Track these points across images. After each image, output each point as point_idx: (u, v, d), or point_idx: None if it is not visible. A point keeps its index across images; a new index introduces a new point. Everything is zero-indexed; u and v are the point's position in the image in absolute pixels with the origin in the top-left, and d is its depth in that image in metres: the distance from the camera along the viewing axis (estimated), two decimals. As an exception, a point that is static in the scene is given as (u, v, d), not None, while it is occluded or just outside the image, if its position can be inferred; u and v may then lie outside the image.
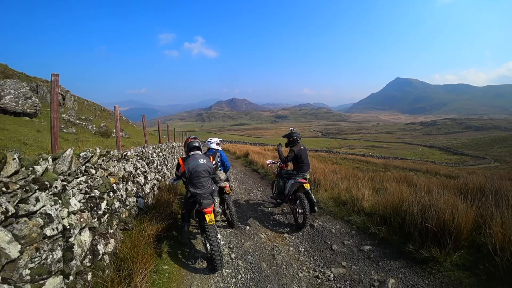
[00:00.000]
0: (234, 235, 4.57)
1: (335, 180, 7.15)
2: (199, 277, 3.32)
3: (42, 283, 1.94)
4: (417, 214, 3.67)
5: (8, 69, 17.22)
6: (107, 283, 2.53)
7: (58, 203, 2.24)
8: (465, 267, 3.04)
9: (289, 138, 5.05)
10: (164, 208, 4.69)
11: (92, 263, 2.65)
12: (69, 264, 2.26)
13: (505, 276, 2.66)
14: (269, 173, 10.15)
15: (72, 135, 10.13)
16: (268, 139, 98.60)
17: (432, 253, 3.22)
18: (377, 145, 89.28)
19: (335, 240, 4.22)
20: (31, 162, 2.13)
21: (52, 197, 2.22)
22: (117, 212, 3.50)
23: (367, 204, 5.18)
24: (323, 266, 3.52)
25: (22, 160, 2.06)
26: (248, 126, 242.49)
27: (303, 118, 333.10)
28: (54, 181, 2.27)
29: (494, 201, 3.94)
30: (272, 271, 3.44)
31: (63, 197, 2.37)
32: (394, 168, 18.77)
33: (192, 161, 3.77)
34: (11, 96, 10.01)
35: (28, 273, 1.84)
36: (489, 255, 2.90)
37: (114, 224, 3.33)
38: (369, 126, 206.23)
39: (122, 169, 3.97)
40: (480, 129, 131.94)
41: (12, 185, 1.87)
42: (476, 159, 54.30)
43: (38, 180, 2.09)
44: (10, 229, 1.78)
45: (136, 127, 27.66)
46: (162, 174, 7.26)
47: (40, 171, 2.17)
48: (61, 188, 2.34)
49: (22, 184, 1.95)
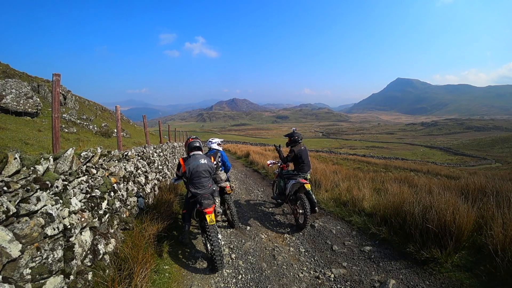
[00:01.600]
0: (235, 235, 4.57)
1: (335, 181, 7.15)
2: (199, 277, 3.32)
3: (42, 282, 1.94)
4: (418, 215, 3.66)
5: (10, 69, 17.28)
6: (108, 282, 2.53)
7: (59, 202, 2.24)
8: (466, 268, 3.03)
9: (290, 138, 5.05)
10: (164, 208, 4.69)
11: (92, 262, 2.66)
12: (69, 263, 2.27)
13: (506, 277, 2.65)
14: (270, 173, 10.15)
15: (73, 134, 10.15)
16: (269, 139, 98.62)
17: (433, 253, 3.21)
18: (378, 146, 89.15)
19: (336, 241, 4.21)
20: (32, 161, 2.14)
21: (53, 196, 2.22)
22: (118, 212, 3.50)
23: (368, 204, 5.17)
24: (323, 267, 3.51)
25: (23, 160, 2.07)
26: (249, 126, 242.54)
27: (304, 118, 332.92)
28: (55, 180, 2.28)
29: (495, 201, 3.93)
30: (273, 272, 3.44)
31: (64, 197, 2.37)
32: (395, 169, 18.73)
33: (192, 161, 3.77)
34: (13, 95, 10.04)
35: (29, 273, 1.85)
36: (490, 256, 2.89)
37: (115, 223, 3.34)
38: (370, 126, 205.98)
39: (123, 169, 3.98)
40: (481, 130, 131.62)
41: (13, 184, 1.88)
42: (477, 159, 54.17)
43: (39, 179, 2.09)
44: (11, 228, 1.78)
45: (137, 127, 27.71)
46: (163, 174, 7.27)
47: (41, 171, 2.18)
48: (62, 188, 2.35)
49: (23, 184, 1.96)
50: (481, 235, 3.34)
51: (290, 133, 5.16)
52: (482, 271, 2.88)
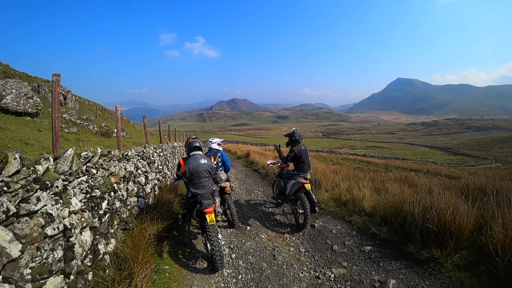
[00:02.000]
0: (235, 235, 4.57)
1: (336, 181, 7.14)
2: (199, 277, 3.32)
3: (43, 282, 1.94)
4: (418, 215, 3.66)
5: (10, 69, 17.28)
6: (108, 282, 2.53)
7: (59, 202, 2.24)
8: (466, 268, 3.03)
9: (291, 138, 5.05)
10: (165, 208, 4.69)
11: (93, 262, 2.66)
12: (70, 263, 2.27)
13: (506, 277, 2.65)
14: (270, 173, 10.15)
15: (73, 134, 10.15)
16: (269, 139, 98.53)
17: (433, 253, 3.21)
18: (378, 146, 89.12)
19: (336, 241, 4.21)
20: (32, 161, 2.14)
21: (53, 196, 2.22)
22: (118, 212, 3.50)
23: (368, 204, 5.17)
24: (323, 267, 3.51)
25: (23, 160, 2.07)
26: (249, 126, 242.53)
27: (304, 118, 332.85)
28: (55, 180, 2.28)
29: (495, 201, 3.93)
30: (273, 271, 3.44)
31: (64, 197, 2.37)
32: (395, 169, 18.73)
33: (193, 161, 3.77)
34: (13, 95, 10.04)
35: (29, 272, 1.85)
36: (490, 256, 2.89)
37: (115, 223, 3.34)
38: (370, 126, 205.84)
39: (123, 169, 3.98)
40: (481, 130, 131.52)
41: (13, 184, 1.88)
42: (478, 159, 54.14)
43: (39, 179, 2.09)
44: (11, 228, 1.78)
45: (137, 127, 27.71)
46: (163, 174, 7.26)
47: (41, 171, 2.18)
48: (62, 188, 2.35)
49: (23, 184, 1.96)
50: (481, 235, 3.34)
51: (290, 133, 5.16)
52: (483, 271, 2.88)
